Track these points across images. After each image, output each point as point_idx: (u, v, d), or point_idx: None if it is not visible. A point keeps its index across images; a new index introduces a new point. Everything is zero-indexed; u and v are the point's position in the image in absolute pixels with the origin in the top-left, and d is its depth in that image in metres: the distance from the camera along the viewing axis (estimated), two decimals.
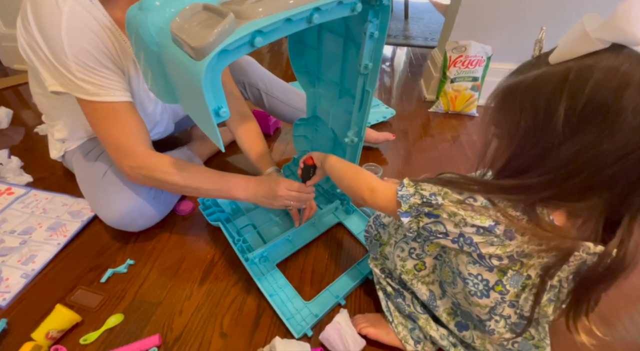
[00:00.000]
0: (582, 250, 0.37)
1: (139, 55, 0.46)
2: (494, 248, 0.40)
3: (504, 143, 0.40)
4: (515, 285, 0.43)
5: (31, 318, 0.64)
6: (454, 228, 0.41)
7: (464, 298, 0.48)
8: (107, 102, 0.60)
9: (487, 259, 0.42)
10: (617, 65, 0.31)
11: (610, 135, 0.32)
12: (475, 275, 0.44)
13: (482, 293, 0.45)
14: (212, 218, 0.81)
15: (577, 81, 0.32)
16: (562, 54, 0.34)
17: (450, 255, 0.48)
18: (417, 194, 0.44)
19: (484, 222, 0.39)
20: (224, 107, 0.40)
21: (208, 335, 0.63)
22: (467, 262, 0.44)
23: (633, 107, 0.30)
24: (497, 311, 0.46)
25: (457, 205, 0.40)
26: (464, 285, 0.46)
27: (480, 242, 0.40)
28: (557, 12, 1.24)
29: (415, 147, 1.22)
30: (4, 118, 1.21)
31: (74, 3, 0.54)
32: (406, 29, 2.52)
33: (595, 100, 0.31)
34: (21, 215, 0.84)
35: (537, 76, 0.35)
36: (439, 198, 0.42)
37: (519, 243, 0.39)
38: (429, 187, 0.43)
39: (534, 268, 0.41)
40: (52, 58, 0.56)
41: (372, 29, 0.53)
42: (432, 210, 0.42)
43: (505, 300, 0.44)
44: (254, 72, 1.00)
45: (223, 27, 0.34)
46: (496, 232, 0.39)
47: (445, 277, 0.51)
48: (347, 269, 0.74)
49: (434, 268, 0.53)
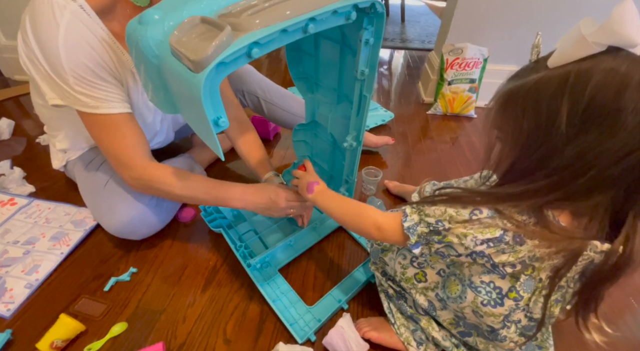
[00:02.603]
0: (590, 249, 0.37)
1: (139, 67, 0.46)
2: (506, 256, 0.40)
3: (507, 147, 0.41)
4: (529, 290, 0.43)
5: (35, 328, 0.64)
6: (465, 250, 0.42)
7: (473, 312, 0.47)
8: (106, 114, 0.61)
9: (501, 267, 0.42)
10: (615, 67, 0.31)
11: (612, 135, 0.32)
12: (488, 283, 0.44)
13: (495, 302, 0.44)
14: (214, 225, 0.81)
15: (578, 84, 0.33)
16: (560, 57, 0.34)
17: (462, 267, 0.48)
18: (423, 222, 0.44)
19: (494, 233, 0.39)
20: (223, 117, 0.41)
21: (212, 341, 0.63)
22: (480, 272, 0.44)
23: (633, 106, 0.31)
24: (510, 318, 0.45)
25: (465, 224, 0.40)
26: (475, 295, 0.45)
27: (493, 253, 0.41)
28: (551, 13, 1.25)
29: (414, 149, 1.22)
30: (6, 129, 1.23)
31: (72, 17, 0.55)
32: (403, 33, 2.54)
33: (596, 101, 0.32)
34: (24, 225, 0.85)
35: (537, 80, 0.36)
36: (445, 223, 0.42)
37: (530, 248, 0.39)
38: (432, 212, 0.43)
39: (544, 271, 0.42)
40: (50, 72, 0.56)
41: (368, 36, 0.54)
42: (441, 238, 0.43)
43: (520, 307, 0.44)
44: (253, 80, 1.01)
45: (220, 39, 0.35)
46: (505, 239, 0.39)
47: (451, 292, 0.50)
48: (349, 273, 0.74)
49: (436, 285, 0.53)
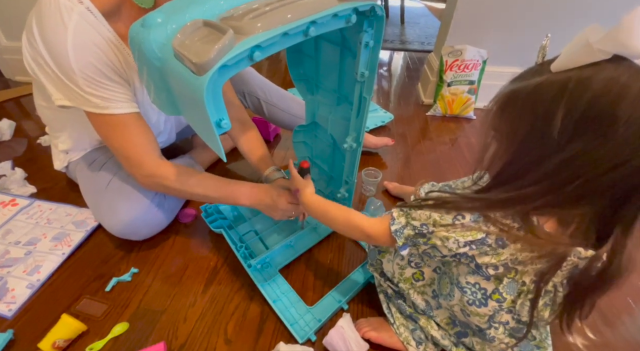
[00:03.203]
0: (574, 254, 0.38)
1: (142, 69, 0.47)
2: (489, 258, 0.42)
3: (502, 148, 0.41)
4: (511, 292, 0.44)
5: (37, 328, 0.64)
6: (449, 252, 0.44)
7: (461, 310, 0.49)
8: (116, 115, 0.62)
9: (484, 269, 0.43)
10: (616, 77, 0.31)
11: (602, 144, 0.32)
12: (473, 284, 0.46)
13: (480, 302, 0.46)
14: (215, 226, 0.82)
15: (576, 90, 0.32)
16: (564, 63, 0.34)
17: (450, 266, 0.49)
18: (409, 225, 0.46)
19: (476, 236, 0.41)
20: (225, 119, 0.42)
21: (213, 341, 0.64)
22: (466, 272, 0.46)
23: (626, 118, 0.30)
24: (495, 318, 0.47)
25: (448, 228, 0.42)
26: (461, 295, 0.47)
27: (475, 254, 0.42)
28: (550, 15, 1.26)
29: (414, 150, 1.23)
30: (7, 130, 1.23)
31: (79, 19, 0.55)
32: (402, 34, 2.55)
33: (592, 110, 0.32)
34: (26, 226, 0.85)
35: (538, 83, 0.36)
36: (429, 227, 0.44)
37: (512, 251, 0.40)
38: (418, 215, 0.45)
39: (527, 275, 0.43)
40: (59, 73, 0.57)
41: (367, 39, 0.55)
42: (426, 240, 0.45)
43: (503, 308, 0.45)
44: (253, 81, 1.02)
45: (223, 43, 0.36)
46: (488, 242, 0.41)
47: (443, 289, 0.52)
48: (348, 273, 0.75)
49: (432, 282, 0.55)
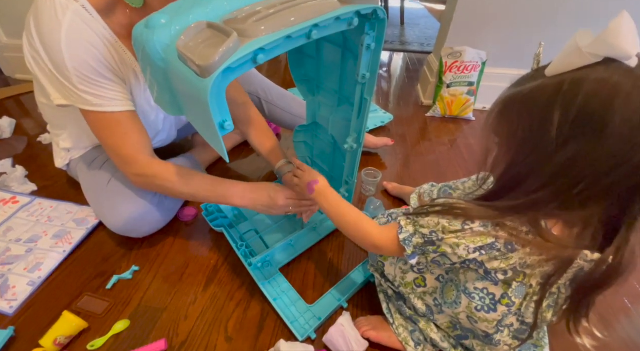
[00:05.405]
0: (580, 257, 0.38)
1: (146, 70, 0.47)
2: (498, 263, 0.42)
3: (503, 151, 0.42)
4: (520, 296, 0.45)
5: (38, 325, 0.65)
6: (458, 259, 0.43)
7: (467, 317, 0.49)
8: (109, 112, 0.62)
9: (493, 274, 0.43)
10: (607, 77, 0.32)
11: (599, 144, 0.33)
12: (482, 289, 0.46)
13: (489, 307, 0.46)
14: (215, 224, 0.82)
15: (570, 92, 0.34)
16: (557, 67, 0.36)
17: (458, 273, 0.49)
18: (418, 234, 0.46)
19: (485, 241, 0.41)
20: (229, 121, 0.42)
21: (213, 339, 0.64)
22: (474, 278, 0.46)
23: (621, 117, 0.32)
24: (503, 323, 0.47)
25: (457, 234, 0.42)
26: (469, 301, 0.47)
27: (485, 260, 0.42)
28: (550, 17, 1.27)
29: (413, 151, 1.24)
30: (7, 128, 1.23)
31: (74, 16, 0.55)
32: (402, 35, 2.56)
33: (586, 110, 0.33)
34: (26, 223, 0.86)
35: (533, 88, 0.37)
36: (439, 234, 0.44)
37: (521, 255, 0.41)
38: (426, 223, 0.45)
39: (534, 278, 0.43)
40: (54, 71, 0.57)
41: (369, 41, 0.55)
42: (435, 248, 0.45)
43: (512, 312, 0.46)
44: (254, 81, 1.02)
45: (227, 46, 0.36)
46: (497, 246, 0.41)
47: (448, 297, 0.51)
48: (348, 272, 0.75)
49: (434, 290, 0.54)
